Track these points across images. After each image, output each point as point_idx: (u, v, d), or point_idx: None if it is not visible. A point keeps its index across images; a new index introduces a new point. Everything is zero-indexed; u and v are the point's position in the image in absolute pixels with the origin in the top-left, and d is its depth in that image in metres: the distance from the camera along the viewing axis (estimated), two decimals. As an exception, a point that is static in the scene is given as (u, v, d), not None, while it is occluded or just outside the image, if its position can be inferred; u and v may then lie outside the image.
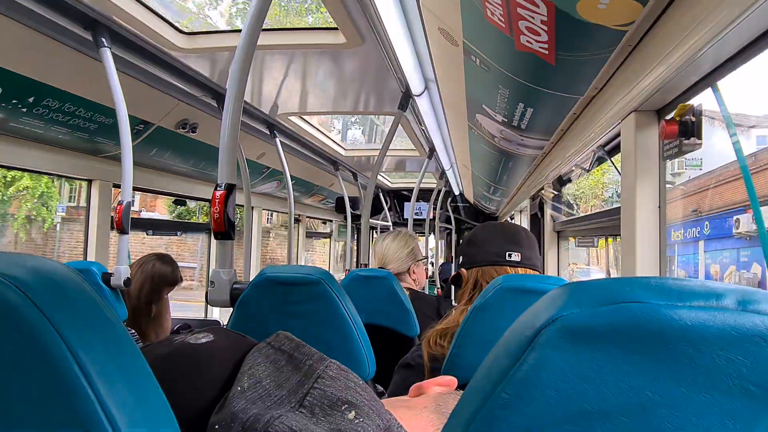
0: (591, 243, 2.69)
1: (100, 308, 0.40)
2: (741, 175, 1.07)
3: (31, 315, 0.35)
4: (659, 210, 1.21)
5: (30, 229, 12.65)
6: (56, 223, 12.96)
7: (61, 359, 0.35)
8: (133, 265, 2.04)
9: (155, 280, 2.04)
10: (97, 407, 0.35)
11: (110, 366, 0.37)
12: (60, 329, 0.35)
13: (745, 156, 1.03)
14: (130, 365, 0.39)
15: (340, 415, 0.43)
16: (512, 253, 1.25)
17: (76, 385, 0.35)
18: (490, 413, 0.33)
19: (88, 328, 0.37)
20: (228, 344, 0.54)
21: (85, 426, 0.34)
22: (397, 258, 2.24)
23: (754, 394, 0.30)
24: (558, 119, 1.75)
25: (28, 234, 12.63)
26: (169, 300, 2.17)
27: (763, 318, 0.30)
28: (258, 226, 4.51)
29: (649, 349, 0.30)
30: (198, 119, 2.72)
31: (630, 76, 1.18)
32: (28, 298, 0.35)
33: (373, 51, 1.96)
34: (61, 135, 2.15)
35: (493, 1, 1.09)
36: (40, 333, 0.35)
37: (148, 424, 0.38)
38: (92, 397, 0.35)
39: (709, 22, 0.83)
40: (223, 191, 1.22)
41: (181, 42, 1.96)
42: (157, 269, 2.07)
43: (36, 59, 1.78)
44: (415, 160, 4.77)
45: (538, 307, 0.34)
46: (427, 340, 1.22)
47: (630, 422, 0.30)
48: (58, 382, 0.35)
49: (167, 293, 2.10)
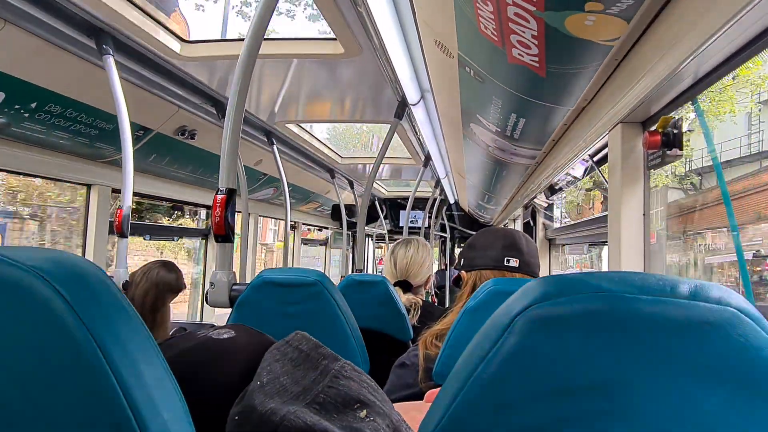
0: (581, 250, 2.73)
1: (120, 301, 0.42)
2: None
3: (58, 306, 0.37)
4: (644, 218, 1.25)
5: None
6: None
7: (86, 348, 0.37)
8: (137, 272, 2.06)
9: (160, 287, 2.05)
10: (119, 393, 0.37)
11: (132, 355, 0.39)
12: (86, 320, 0.37)
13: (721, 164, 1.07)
14: (149, 355, 0.42)
15: (352, 413, 0.45)
16: (511, 259, 1.28)
17: (101, 372, 0.37)
18: (471, 392, 0.36)
19: (111, 320, 0.40)
20: (248, 341, 0.57)
21: (108, 410, 0.37)
22: (421, 270, 2.13)
23: (703, 374, 0.33)
24: (549, 129, 1.80)
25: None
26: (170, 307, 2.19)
27: (710, 306, 0.34)
28: (255, 231, 4.53)
29: (612, 335, 0.34)
30: (197, 126, 2.75)
31: (616, 89, 1.23)
32: (56, 290, 0.37)
33: (371, 61, 2.00)
34: (62, 140, 2.18)
35: (486, 16, 1.14)
36: (68, 324, 0.37)
37: (166, 410, 0.40)
38: (115, 383, 0.37)
39: (688, 39, 0.87)
40: (224, 196, 1.26)
41: (182, 50, 1.99)
42: (162, 277, 2.08)
43: (40, 66, 1.81)
44: (411, 168, 4.80)
45: (515, 298, 0.38)
46: (424, 341, 1.25)
47: (596, 400, 0.34)
48: (85, 371, 0.37)
49: (171, 300, 2.12)
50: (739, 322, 0.33)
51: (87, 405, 0.37)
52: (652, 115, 1.21)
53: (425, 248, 2.18)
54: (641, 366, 0.34)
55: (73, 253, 0.46)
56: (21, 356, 0.37)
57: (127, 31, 1.79)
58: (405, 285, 1.98)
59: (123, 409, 0.37)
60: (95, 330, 0.38)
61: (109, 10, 1.64)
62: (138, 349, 0.40)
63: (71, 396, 0.37)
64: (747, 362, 0.33)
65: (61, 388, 0.37)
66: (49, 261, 0.40)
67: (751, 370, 0.33)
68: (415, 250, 2.16)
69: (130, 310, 0.42)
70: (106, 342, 0.38)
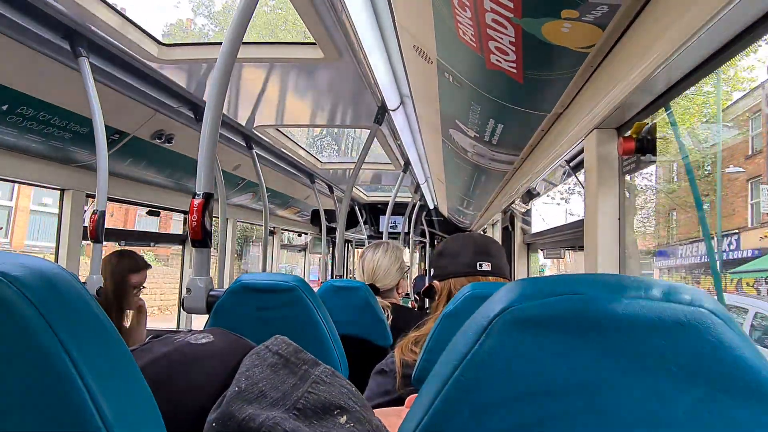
0: (558, 254, 2.77)
1: (92, 308, 0.41)
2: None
3: (25, 310, 0.36)
4: (619, 222, 1.27)
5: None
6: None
7: (54, 355, 0.36)
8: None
9: (116, 274, 2.07)
10: (89, 402, 0.36)
11: (102, 362, 0.38)
12: (54, 325, 0.36)
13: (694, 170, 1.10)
14: (121, 363, 0.41)
15: (332, 419, 0.45)
16: (483, 263, 1.29)
17: (69, 380, 0.36)
18: (449, 394, 0.36)
19: (80, 325, 0.39)
20: (227, 345, 0.56)
21: (77, 420, 0.36)
22: (388, 274, 2.11)
23: (676, 374, 0.34)
24: (527, 135, 1.82)
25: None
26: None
27: (683, 307, 0.34)
28: (232, 236, 4.48)
29: (588, 335, 0.34)
30: (174, 130, 2.72)
31: (592, 95, 1.25)
32: (23, 294, 0.36)
33: (350, 66, 2.00)
34: (34, 144, 2.13)
35: (464, 22, 1.15)
36: (35, 328, 0.36)
37: (137, 421, 0.39)
38: (84, 392, 0.36)
39: (660, 46, 0.89)
40: (201, 200, 1.24)
41: (159, 53, 1.97)
42: (118, 261, 2.12)
43: (11, 67, 1.77)
44: (391, 173, 4.81)
45: (492, 300, 0.38)
46: (400, 348, 1.25)
47: (572, 400, 0.34)
48: (52, 377, 0.36)
49: (136, 281, 2.12)
50: (711, 323, 0.34)
51: (56, 416, 0.36)
52: (626, 121, 1.24)
53: (395, 251, 2.16)
54: (617, 366, 0.34)
55: (44, 258, 0.45)
56: None
57: (102, 32, 1.76)
58: (372, 289, 1.97)
59: (93, 419, 0.36)
60: (64, 338, 0.37)
61: (84, 11, 1.62)
62: (109, 358, 0.40)
63: (39, 407, 0.36)
64: (719, 362, 0.34)
65: (29, 398, 0.36)
66: (17, 266, 0.38)
67: (724, 369, 0.34)
68: (383, 254, 2.14)
69: (102, 317, 0.41)
70: (75, 350, 0.37)
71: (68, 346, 0.36)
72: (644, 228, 11.08)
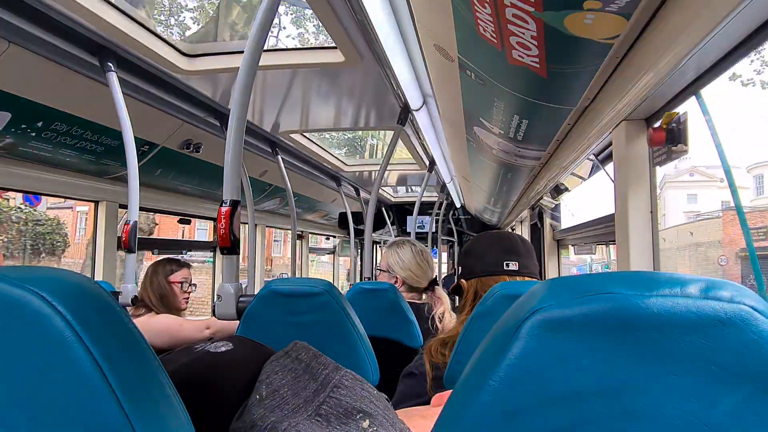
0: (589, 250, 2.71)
1: (122, 318, 0.42)
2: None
3: (58, 325, 0.37)
4: (651, 215, 1.24)
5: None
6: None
7: (88, 368, 0.37)
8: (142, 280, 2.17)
9: (156, 281, 2.20)
10: (118, 411, 0.37)
11: (131, 372, 0.39)
12: (86, 339, 0.38)
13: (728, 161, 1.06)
14: (150, 372, 0.42)
15: (354, 423, 0.45)
16: (510, 262, 1.27)
17: (99, 390, 0.37)
18: (480, 400, 0.35)
19: (112, 339, 0.40)
20: (247, 353, 0.56)
21: (107, 429, 0.37)
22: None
23: (716, 374, 0.32)
24: (553, 130, 1.79)
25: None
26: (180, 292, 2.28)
27: (723, 304, 0.33)
28: (261, 242, 4.54)
29: (621, 336, 0.33)
30: (201, 139, 2.77)
31: (619, 86, 1.22)
32: (55, 309, 0.37)
33: (372, 68, 2.01)
34: (68, 158, 2.20)
35: (484, 18, 1.13)
36: (68, 343, 0.37)
37: (166, 429, 0.40)
38: (114, 401, 0.37)
39: (689, 33, 0.87)
40: (228, 207, 1.26)
41: (184, 64, 2.01)
42: (153, 272, 2.22)
43: (44, 85, 1.83)
44: (416, 173, 4.80)
45: (521, 302, 0.37)
46: (429, 350, 1.24)
47: (605, 403, 0.33)
48: (83, 387, 0.37)
49: (177, 279, 2.25)
50: (753, 320, 0.32)
51: (87, 424, 0.37)
52: (655, 111, 1.20)
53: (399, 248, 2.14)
54: (653, 368, 0.33)
55: (75, 271, 0.46)
56: (22, 375, 0.37)
57: (129, 47, 1.80)
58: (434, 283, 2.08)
59: (125, 427, 0.37)
60: (95, 349, 0.38)
61: (111, 28, 1.66)
62: (140, 369, 0.40)
63: (72, 415, 0.37)
64: (763, 361, 0.32)
65: (61, 407, 0.37)
66: (49, 280, 0.40)
67: None
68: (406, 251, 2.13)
69: (131, 327, 0.42)
70: (105, 361, 0.38)
71: (100, 359, 0.37)
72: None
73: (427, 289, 2.13)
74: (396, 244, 2.16)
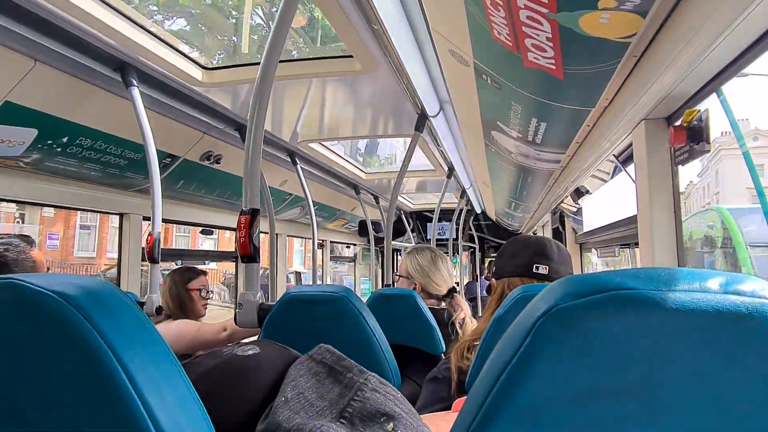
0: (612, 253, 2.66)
1: (144, 324, 0.43)
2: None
3: (82, 328, 0.38)
4: (675, 215, 1.21)
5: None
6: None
7: (110, 369, 0.38)
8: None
9: (174, 290, 2.22)
10: (143, 413, 0.38)
11: (155, 375, 0.40)
12: (108, 340, 0.39)
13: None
14: (172, 374, 0.42)
15: (379, 426, 0.45)
16: (540, 265, 1.26)
17: (124, 392, 0.38)
18: (496, 398, 0.35)
19: (136, 344, 0.41)
20: (273, 356, 0.57)
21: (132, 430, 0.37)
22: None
23: (741, 371, 0.32)
24: (572, 132, 1.77)
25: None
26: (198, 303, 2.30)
27: (744, 298, 0.32)
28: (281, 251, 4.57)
29: (640, 333, 0.33)
30: (221, 150, 2.81)
31: (637, 85, 1.20)
32: (79, 313, 0.39)
33: (388, 76, 2.01)
34: (93, 172, 2.25)
35: (498, 21, 1.13)
36: (91, 344, 0.38)
37: (189, 430, 0.41)
38: (138, 403, 0.38)
39: (708, 28, 0.85)
40: (247, 216, 1.27)
41: (203, 77, 2.04)
42: (170, 280, 2.25)
43: (69, 101, 1.88)
44: (435, 180, 4.79)
45: (537, 300, 0.37)
46: (456, 354, 1.23)
47: (626, 402, 0.33)
48: (107, 389, 0.38)
49: (195, 287, 2.27)
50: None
51: (109, 423, 0.38)
52: (676, 109, 1.18)
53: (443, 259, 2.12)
54: (672, 365, 0.32)
55: (99, 278, 0.47)
56: (49, 380, 0.38)
57: (149, 62, 1.85)
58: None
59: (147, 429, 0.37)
60: (120, 354, 0.39)
61: (133, 44, 1.70)
62: (162, 372, 0.41)
63: (97, 418, 0.38)
64: None
65: (87, 411, 0.38)
66: (75, 287, 0.41)
67: None
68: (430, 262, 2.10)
69: (154, 334, 0.43)
70: (130, 365, 0.39)
71: (124, 363, 0.38)
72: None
73: (446, 296, 2.11)
74: (415, 250, 2.15)
